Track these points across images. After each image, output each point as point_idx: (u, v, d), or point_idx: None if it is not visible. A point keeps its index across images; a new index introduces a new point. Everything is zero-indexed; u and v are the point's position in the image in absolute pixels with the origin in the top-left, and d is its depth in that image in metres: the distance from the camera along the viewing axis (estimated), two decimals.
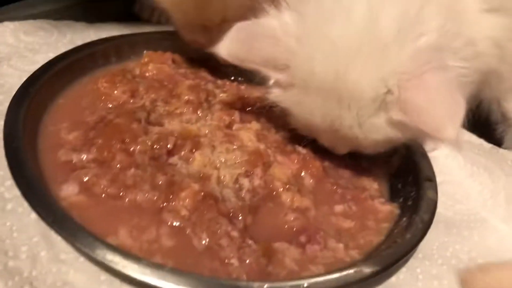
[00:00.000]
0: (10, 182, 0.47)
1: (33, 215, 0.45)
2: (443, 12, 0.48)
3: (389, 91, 0.46)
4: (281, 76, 0.50)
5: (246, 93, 0.67)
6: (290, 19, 0.49)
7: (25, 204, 0.45)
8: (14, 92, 0.56)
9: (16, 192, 0.46)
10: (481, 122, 0.68)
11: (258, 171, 0.53)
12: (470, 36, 0.54)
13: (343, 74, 0.46)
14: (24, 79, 0.59)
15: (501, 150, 0.64)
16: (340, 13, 0.47)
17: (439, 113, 0.44)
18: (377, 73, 0.46)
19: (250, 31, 0.50)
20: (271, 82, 0.53)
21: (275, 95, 0.53)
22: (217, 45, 0.50)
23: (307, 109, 0.51)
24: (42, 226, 0.44)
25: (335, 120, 0.49)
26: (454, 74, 0.46)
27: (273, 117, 0.61)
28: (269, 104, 0.54)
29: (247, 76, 0.70)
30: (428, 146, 0.64)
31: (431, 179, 0.56)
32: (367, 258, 0.47)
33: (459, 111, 0.43)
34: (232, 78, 0.70)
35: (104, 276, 0.43)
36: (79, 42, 0.73)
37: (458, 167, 0.65)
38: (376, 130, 0.48)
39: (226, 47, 0.49)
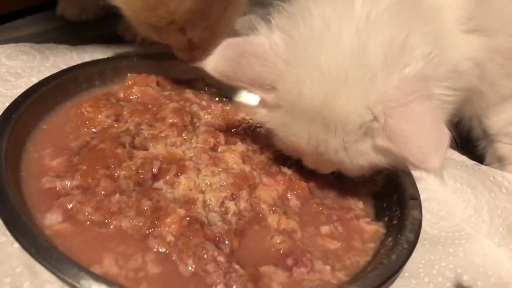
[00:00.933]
0: None
1: (16, 245, 0.44)
2: (428, 38, 0.49)
3: (375, 118, 0.46)
4: (267, 96, 0.51)
5: (231, 113, 0.67)
6: (279, 40, 0.49)
7: (8, 233, 0.44)
8: None
9: None
10: (462, 139, 0.70)
11: (244, 193, 0.53)
12: (452, 59, 0.55)
13: (330, 100, 0.47)
14: (7, 104, 0.59)
15: (483, 167, 0.65)
16: (329, 39, 0.47)
17: (424, 144, 0.44)
18: (364, 100, 0.46)
19: (239, 49, 0.49)
20: (257, 102, 0.53)
21: (261, 115, 0.53)
22: (205, 60, 0.49)
23: (292, 132, 0.51)
24: (26, 256, 0.43)
25: (320, 144, 0.50)
26: (439, 102, 0.47)
27: (258, 138, 0.61)
28: (255, 124, 0.54)
29: (231, 96, 0.71)
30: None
31: (416, 197, 0.56)
32: (353, 280, 0.47)
33: (444, 142, 0.44)
34: (217, 99, 0.71)
35: None
36: (62, 65, 0.73)
37: (442, 185, 0.66)
38: (361, 155, 0.49)
39: (214, 63, 0.49)
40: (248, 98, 0.68)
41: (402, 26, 0.48)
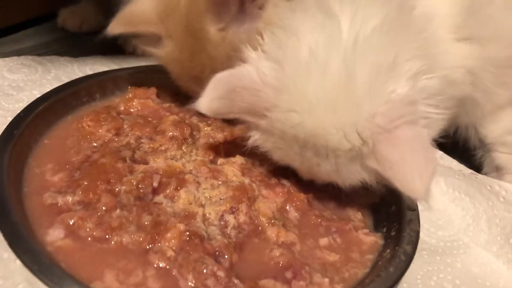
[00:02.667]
0: None
1: (19, 261, 0.45)
2: (418, 50, 0.50)
3: (364, 143, 0.47)
4: (260, 122, 0.51)
5: (231, 124, 0.68)
6: (268, 69, 0.49)
7: (10, 250, 0.45)
8: None
9: (1, 237, 0.46)
10: (459, 148, 0.70)
11: (243, 207, 0.53)
12: (445, 67, 0.56)
13: (320, 129, 0.48)
14: (9, 118, 0.59)
15: (480, 176, 0.65)
16: (317, 68, 0.47)
17: (409, 171, 0.44)
18: (352, 127, 0.47)
19: (228, 85, 0.50)
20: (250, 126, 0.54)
21: (255, 138, 0.54)
22: (197, 102, 0.50)
23: (285, 155, 0.52)
24: (28, 272, 0.44)
25: (313, 166, 0.51)
26: (427, 121, 0.47)
27: (257, 152, 0.62)
28: (248, 147, 0.55)
29: None
30: None
31: (414, 208, 0.57)
32: None
33: (429, 168, 0.44)
34: None
35: None
36: (63, 77, 0.74)
37: (440, 193, 0.66)
38: (352, 175, 0.50)
39: (206, 104, 0.50)
40: None
41: (391, 45, 0.48)
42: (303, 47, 0.48)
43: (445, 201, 0.65)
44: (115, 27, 0.60)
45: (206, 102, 0.50)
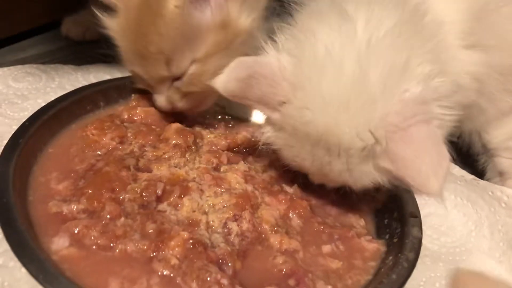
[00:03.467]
0: (0, 235, 0.48)
1: (25, 270, 0.45)
2: (429, 55, 0.50)
3: (377, 141, 0.47)
4: (273, 115, 0.52)
5: (234, 131, 0.68)
6: (288, 64, 0.50)
7: (16, 258, 0.46)
8: (3, 140, 0.57)
9: (7, 246, 0.46)
10: (463, 154, 0.70)
11: (246, 214, 0.54)
12: (452, 73, 0.56)
13: (333, 127, 0.48)
14: (14, 127, 0.60)
15: (481, 182, 0.66)
16: (331, 67, 0.48)
17: (424, 168, 0.45)
18: (365, 125, 0.47)
19: (248, 69, 0.50)
20: (263, 120, 0.55)
21: (267, 135, 0.54)
22: (215, 80, 0.51)
23: (297, 153, 0.52)
24: (34, 281, 0.44)
25: (324, 165, 0.51)
26: (439, 122, 0.48)
27: (261, 156, 0.62)
28: (259, 143, 0.56)
29: (234, 115, 0.72)
30: None
31: (416, 215, 0.57)
32: None
33: (443, 165, 0.45)
34: (219, 116, 0.72)
35: None
36: (67, 86, 0.75)
37: (442, 199, 0.66)
38: (364, 175, 0.50)
39: (224, 84, 0.50)
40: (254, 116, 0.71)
41: (403, 48, 0.49)
42: (320, 46, 0.49)
43: (447, 207, 0.66)
44: None
45: (223, 81, 0.50)
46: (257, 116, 0.69)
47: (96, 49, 0.88)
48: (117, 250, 0.48)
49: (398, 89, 0.47)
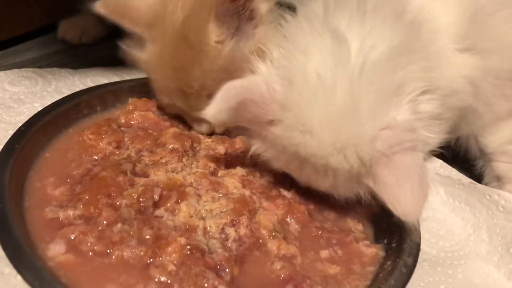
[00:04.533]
0: None
1: (20, 277, 0.45)
2: (422, 72, 0.51)
3: (363, 164, 0.48)
4: (263, 133, 0.52)
5: (231, 135, 0.68)
6: (278, 86, 0.50)
7: (12, 265, 0.45)
8: None
9: (2, 252, 0.46)
10: (460, 158, 0.70)
11: (244, 219, 0.53)
12: (447, 77, 0.56)
13: (322, 150, 0.49)
14: (10, 131, 0.60)
15: (479, 185, 0.65)
16: (323, 92, 0.48)
17: (403, 196, 0.46)
18: (353, 150, 0.48)
19: (237, 96, 0.49)
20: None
21: (256, 147, 0.55)
22: (205, 111, 0.50)
23: (285, 166, 0.54)
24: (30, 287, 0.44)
25: (312, 180, 0.53)
26: (424, 144, 0.49)
27: (258, 161, 0.62)
28: (251, 154, 0.56)
29: None
30: None
31: None
32: None
33: (423, 195, 0.46)
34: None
35: None
36: (64, 89, 0.74)
37: (440, 203, 0.66)
38: (350, 190, 0.52)
39: (214, 114, 0.50)
40: None
41: (397, 69, 0.49)
42: (311, 69, 0.49)
43: (445, 211, 0.65)
44: (101, 7, 0.59)
45: (214, 112, 0.50)
46: None
47: (93, 52, 0.89)
48: (113, 257, 0.48)
49: (386, 116, 0.48)
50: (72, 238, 0.48)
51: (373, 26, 0.50)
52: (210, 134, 0.66)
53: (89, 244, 0.48)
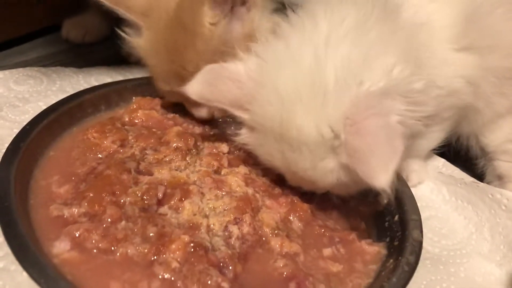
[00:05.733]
0: (1, 239, 0.48)
1: (26, 274, 0.46)
2: (401, 55, 0.50)
3: (336, 136, 0.48)
4: (245, 116, 0.53)
5: (234, 134, 0.68)
6: (253, 64, 0.53)
7: (18, 262, 0.46)
8: (4, 144, 0.58)
9: (8, 249, 0.46)
10: (461, 157, 0.70)
11: (247, 217, 0.54)
12: (445, 77, 0.56)
13: (288, 121, 0.49)
14: (15, 130, 0.60)
15: (481, 184, 0.66)
16: (289, 62, 0.50)
17: (373, 161, 0.44)
18: (320, 119, 0.48)
19: (217, 74, 0.53)
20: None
21: (242, 136, 0.56)
22: (187, 86, 0.53)
23: (267, 152, 0.54)
24: (35, 285, 0.44)
25: (292, 163, 0.52)
26: (400, 119, 0.47)
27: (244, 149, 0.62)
28: (238, 145, 0.57)
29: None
30: (412, 181, 0.66)
31: (417, 218, 0.57)
32: None
33: (393, 160, 0.44)
34: (220, 120, 0.72)
35: None
36: (68, 88, 0.75)
37: (443, 202, 0.66)
38: (329, 173, 0.50)
39: (194, 88, 0.53)
40: None
41: (367, 44, 0.49)
42: (281, 43, 0.51)
43: (447, 209, 0.66)
44: None
45: (194, 86, 0.53)
46: None
47: (97, 51, 0.90)
48: (118, 254, 0.48)
49: (353, 81, 0.47)
50: (77, 235, 0.48)
51: (345, 8, 0.52)
52: (210, 120, 0.67)
53: (93, 241, 0.48)
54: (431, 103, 0.53)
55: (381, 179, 0.44)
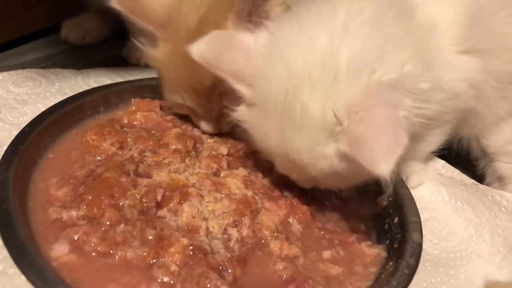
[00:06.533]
0: (0, 242, 0.48)
1: (24, 277, 0.45)
2: (413, 55, 0.50)
3: (338, 121, 0.47)
4: (246, 91, 0.52)
5: (234, 137, 0.68)
6: (264, 39, 0.52)
7: (16, 265, 0.45)
8: (2, 146, 0.57)
9: (6, 253, 0.46)
10: (462, 159, 0.70)
11: (246, 220, 0.53)
12: (448, 80, 0.56)
13: (294, 98, 0.48)
14: (14, 132, 0.60)
15: (481, 186, 0.66)
16: (304, 41, 0.49)
17: (376, 148, 0.44)
18: (326, 101, 0.47)
19: (226, 40, 0.53)
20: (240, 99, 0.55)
21: (240, 113, 0.55)
22: (191, 47, 0.52)
23: (264, 130, 0.52)
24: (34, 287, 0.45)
25: (287, 143, 0.50)
26: (406, 113, 0.47)
27: (260, 161, 0.62)
28: (234, 121, 0.57)
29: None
30: (411, 182, 0.66)
31: (417, 220, 0.57)
32: None
33: (397, 149, 0.43)
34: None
35: None
36: (67, 90, 0.74)
37: (443, 203, 0.66)
38: (323, 159, 0.49)
39: (199, 50, 0.52)
40: None
41: (382, 38, 0.49)
42: (296, 24, 0.51)
43: (447, 211, 0.65)
44: (117, 3, 0.59)
45: (199, 48, 0.52)
46: None
47: (96, 53, 0.90)
48: (116, 257, 0.48)
49: (366, 69, 0.47)
50: (76, 238, 0.48)
51: (364, 1, 0.51)
52: (216, 134, 0.66)
53: (92, 244, 0.48)
54: (435, 105, 0.53)
55: (383, 168, 0.43)
